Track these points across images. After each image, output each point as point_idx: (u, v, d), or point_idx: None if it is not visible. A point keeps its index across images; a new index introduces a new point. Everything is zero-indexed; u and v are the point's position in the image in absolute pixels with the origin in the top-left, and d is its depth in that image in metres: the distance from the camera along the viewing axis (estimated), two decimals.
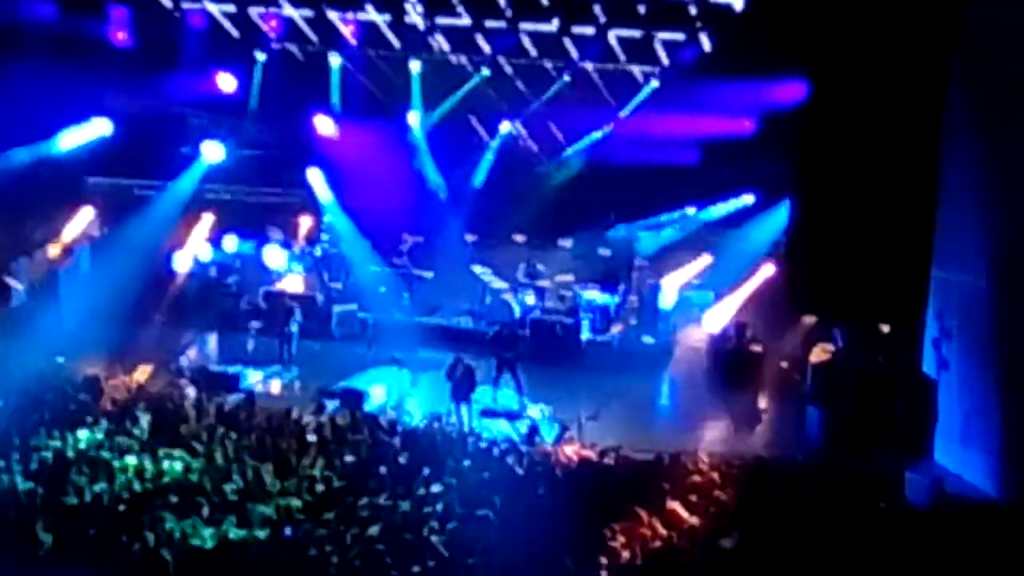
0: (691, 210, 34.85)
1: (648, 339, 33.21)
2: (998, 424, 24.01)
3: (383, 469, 22.93)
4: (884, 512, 21.89)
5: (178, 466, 23.00)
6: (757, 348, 30.57)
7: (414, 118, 36.20)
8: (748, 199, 33.77)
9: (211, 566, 19.77)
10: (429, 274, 35.39)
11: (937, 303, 25.72)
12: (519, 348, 30.00)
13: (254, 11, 34.42)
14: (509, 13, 32.46)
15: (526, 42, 33.45)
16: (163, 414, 25.39)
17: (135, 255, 33.07)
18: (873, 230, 26.14)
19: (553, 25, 32.41)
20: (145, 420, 24.94)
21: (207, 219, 35.34)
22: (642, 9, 30.94)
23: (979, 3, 24.01)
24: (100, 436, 24.10)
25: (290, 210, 36.69)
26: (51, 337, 29.46)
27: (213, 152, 35.60)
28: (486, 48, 34.08)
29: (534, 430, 26.38)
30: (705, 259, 33.96)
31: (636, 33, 32.28)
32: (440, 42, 34.28)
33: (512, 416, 28.31)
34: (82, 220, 34.22)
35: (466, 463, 23.27)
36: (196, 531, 20.35)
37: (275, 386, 29.71)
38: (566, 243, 35.91)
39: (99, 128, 34.29)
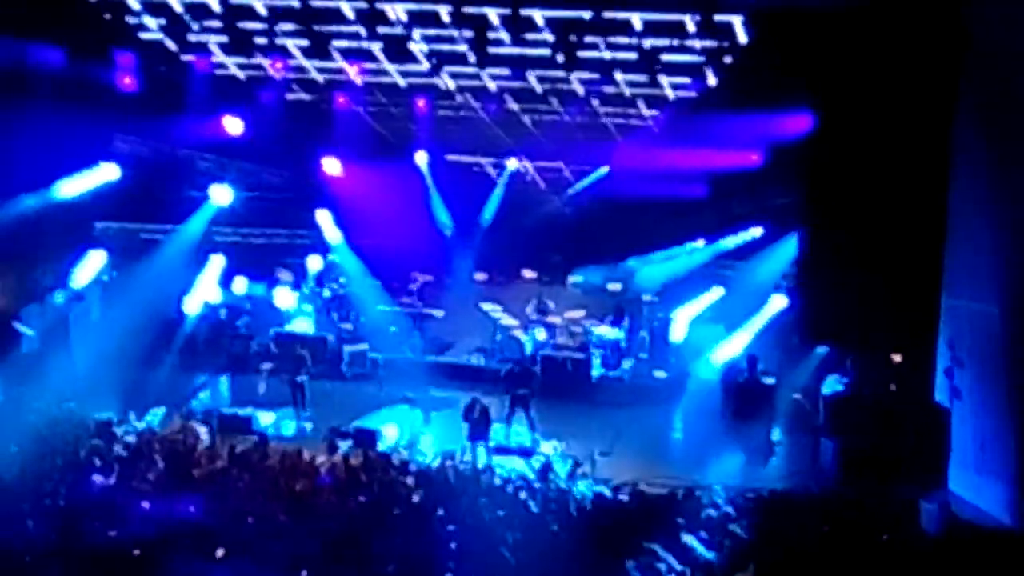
0: (700, 243, 34.87)
1: (660, 373, 33.18)
2: (1012, 451, 23.95)
3: (397, 509, 22.92)
4: (899, 542, 21.81)
5: (191, 509, 23.00)
6: (769, 380, 30.54)
7: (421, 157, 36.28)
8: (757, 231, 33.77)
9: None
10: (439, 313, 35.40)
11: (948, 331, 25.70)
12: (532, 385, 29.94)
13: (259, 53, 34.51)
14: (514, 53, 32.48)
15: (532, 79, 33.48)
16: (176, 457, 25.41)
17: (145, 299, 33.12)
18: (883, 259, 26.13)
19: (559, 64, 32.42)
20: (158, 464, 24.98)
21: (216, 262, 35.36)
22: (647, 44, 30.94)
23: (988, 30, 24.01)
24: (113, 480, 24.11)
25: (299, 251, 36.72)
26: (62, 382, 29.48)
27: (221, 195, 35.64)
28: (492, 87, 34.11)
29: (547, 467, 26.33)
30: (716, 292, 33.93)
31: (641, 70, 32.27)
32: (446, 82, 34.31)
33: (525, 453, 28.29)
34: (92, 265, 34.22)
35: (481, 501, 23.24)
36: (210, 574, 20.34)
37: (288, 427, 29.68)
38: (576, 279, 35.93)
39: (107, 173, 34.32)
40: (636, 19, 29.45)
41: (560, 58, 31.77)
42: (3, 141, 30.68)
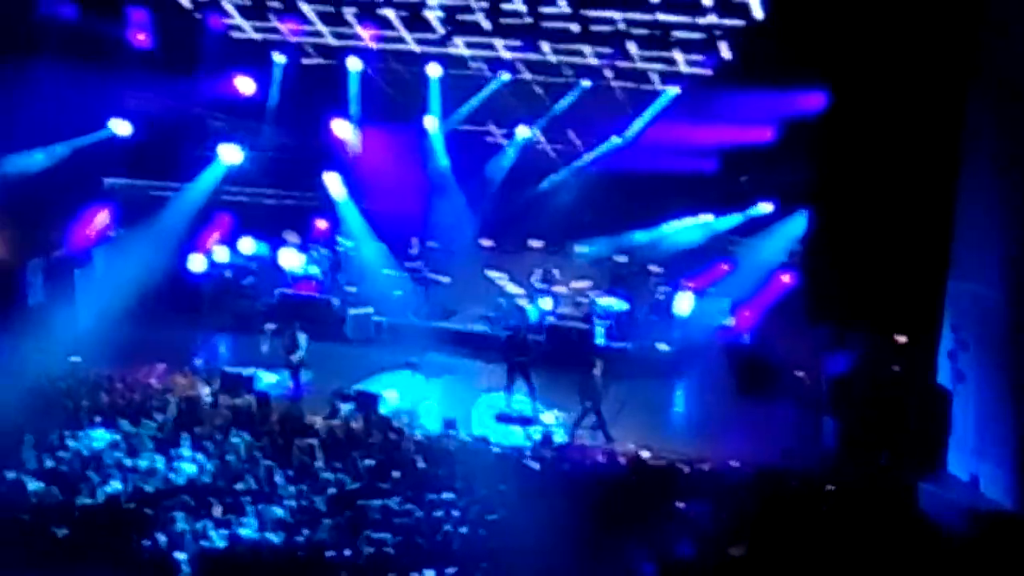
0: (708, 218, 34.78)
1: (663, 346, 33.11)
2: (1013, 436, 23.91)
3: (396, 473, 22.96)
4: (896, 522, 21.84)
5: (191, 467, 23.06)
6: (773, 357, 30.53)
7: (432, 122, 36.21)
8: (766, 207, 33.69)
9: (223, 567, 19.80)
10: (445, 279, 35.35)
11: (953, 314, 25.62)
12: (531, 353, 29.92)
13: (273, 14, 34.48)
14: (529, 19, 32.42)
15: (545, 48, 33.40)
16: (177, 415, 25.45)
17: (151, 256, 33.12)
18: (890, 240, 26.06)
19: (572, 33, 32.33)
20: (159, 421, 25.03)
21: (224, 221, 35.38)
22: (661, 16, 30.86)
23: (1002, 11, 23.90)
24: (113, 436, 24.17)
25: (307, 213, 36.67)
26: (66, 337, 29.51)
27: (230, 154, 35.56)
28: (505, 55, 34.04)
29: (548, 437, 26.35)
30: (722, 267, 33.92)
31: (655, 42, 32.20)
32: (459, 48, 34.24)
33: (526, 421, 28.32)
34: (100, 220, 34.22)
35: (479, 469, 23.28)
36: (208, 532, 20.39)
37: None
38: (582, 249, 35.88)
39: (117, 129, 34.33)
40: None
41: (574, 28, 31.78)
42: (15, 95, 30.69)
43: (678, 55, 32.46)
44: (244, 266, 35.53)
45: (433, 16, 32.60)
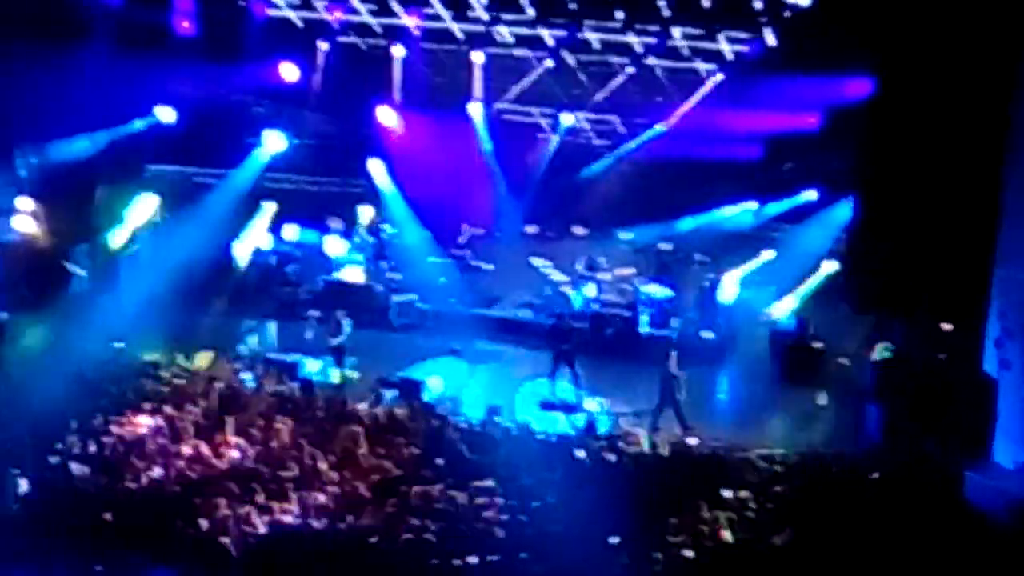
0: (753, 205, 34.67)
1: (707, 334, 33.00)
2: None
3: (439, 460, 22.94)
4: (941, 511, 21.70)
5: (235, 453, 23.09)
6: (818, 344, 30.45)
7: (476, 109, 36.16)
8: (811, 195, 33.57)
9: (266, 553, 19.82)
10: (489, 266, 35.34)
11: (1000, 302, 25.43)
12: (575, 340, 29.86)
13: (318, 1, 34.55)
14: (573, 7, 32.35)
15: (590, 35, 33.33)
16: (221, 401, 25.50)
17: (196, 243, 33.20)
18: (936, 227, 25.91)
19: (617, 19, 32.26)
20: (202, 407, 25.08)
21: (268, 208, 35.43)
22: (707, 3, 30.75)
23: None
24: (157, 422, 24.21)
25: (351, 200, 36.70)
26: (111, 323, 29.59)
27: (275, 141, 35.63)
28: (549, 41, 33.98)
29: (591, 424, 26.30)
30: (767, 254, 33.79)
31: (700, 28, 32.11)
32: (503, 34, 34.19)
33: (569, 409, 28.25)
34: (144, 207, 34.32)
35: (523, 456, 23.24)
36: (251, 518, 20.42)
37: (334, 375, 29.66)
38: (627, 236, 35.79)
39: (162, 116, 34.40)
40: None
41: (619, 14, 31.69)
42: (60, 83, 30.78)
43: (723, 42, 32.34)
44: (288, 253, 35.62)
45: (478, 3, 32.58)
